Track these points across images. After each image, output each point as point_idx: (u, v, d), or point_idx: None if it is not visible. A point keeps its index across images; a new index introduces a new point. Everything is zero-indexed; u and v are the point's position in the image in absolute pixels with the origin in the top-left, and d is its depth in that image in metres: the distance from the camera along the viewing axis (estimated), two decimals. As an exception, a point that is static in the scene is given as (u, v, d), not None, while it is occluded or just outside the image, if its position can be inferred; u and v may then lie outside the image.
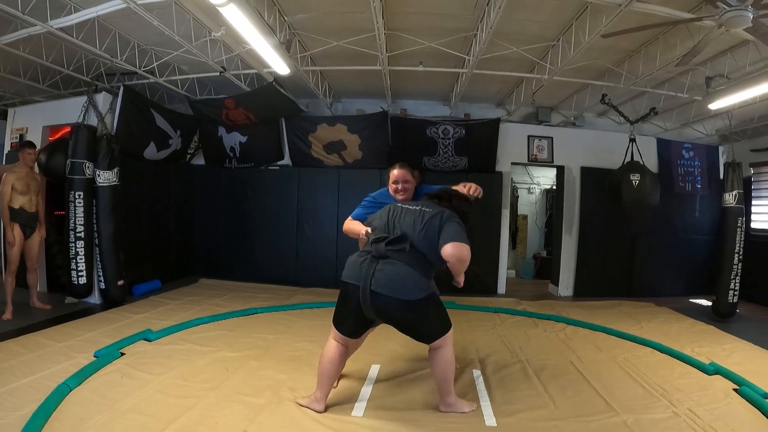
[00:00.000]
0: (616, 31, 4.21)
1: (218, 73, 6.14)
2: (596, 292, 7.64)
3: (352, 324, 3.06)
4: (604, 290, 7.66)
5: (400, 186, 3.56)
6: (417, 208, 3.06)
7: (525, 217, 10.72)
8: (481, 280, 7.54)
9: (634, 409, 3.32)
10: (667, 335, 5.34)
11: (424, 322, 3.01)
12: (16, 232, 5.40)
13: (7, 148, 7.23)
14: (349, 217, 3.65)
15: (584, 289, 7.83)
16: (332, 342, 3.14)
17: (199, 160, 8.51)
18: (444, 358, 3.05)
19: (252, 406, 3.16)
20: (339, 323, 3.10)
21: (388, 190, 3.75)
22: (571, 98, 7.51)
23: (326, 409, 3.16)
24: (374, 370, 3.88)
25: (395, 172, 3.64)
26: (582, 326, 5.65)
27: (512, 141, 7.90)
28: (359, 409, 3.22)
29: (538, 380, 3.85)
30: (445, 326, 3.06)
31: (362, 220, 3.44)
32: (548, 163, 8.11)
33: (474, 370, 4.02)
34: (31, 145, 5.69)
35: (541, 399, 3.48)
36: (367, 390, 3.52)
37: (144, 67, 6.20)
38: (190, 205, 8.38)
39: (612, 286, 7.79)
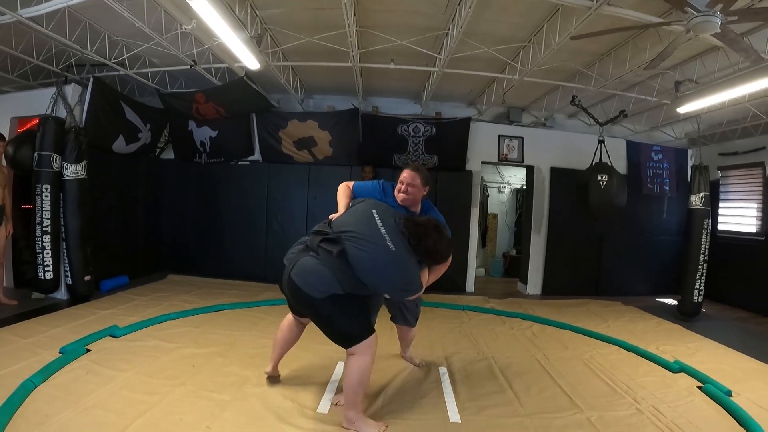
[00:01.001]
0: (586, 34, 4.27)
1: (189, 67, 6.09)
2: (564, 290, 7.76)
3: (288, 300, 3.16)
4: (573, 289, 7.79)
5: (403, 187, 3.31)
6: (383, 232, 2.88)
7: (495, 215, 10.82)
8: (449, 277, 7.62)
9: (598, 406, 3.38)
10: (632, 333, 5.44)
11: (327, 323, 2.93)
12: (-17, 226, 5.30)
13: (-26, 140, 7.05)
14: (350, 184, 3.49)
15: (553, 288, 7.95)
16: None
17: (169, 155, 8.40)
18: (353, 367, 2.89)
19: (217, 403, 3.16)
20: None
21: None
22: (542, 99, 7.61)
23: (276, 378, 3.58)
24: (340, 367, 3.87)
25: (404, 173, 3.36)
26: (549, 324, 5.74)
27: (483, 140, 7.96)
28: (324, 406, 3.23)
29: (503, 377, 3.90)
30: (355, 335, 2.89)
31: (356, 197, 3.39)
32: (518, 162, 8.20)
33: (440, 367, 4.07)
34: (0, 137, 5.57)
35: (505, 396, 3.53)
36: (332, 386, 3.53)
37: (114, 59, 6.11)
38: (159, 200, 8.26)
39: (580, 285, 7.92)
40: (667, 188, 8.29)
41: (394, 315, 3.87)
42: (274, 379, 3.58)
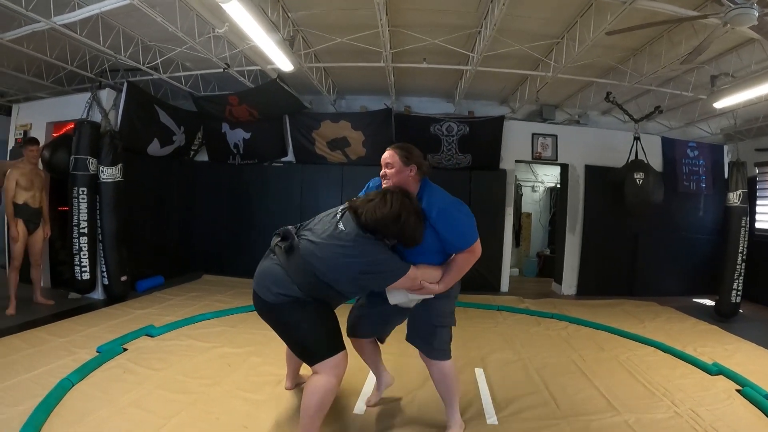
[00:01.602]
0: (621, 29, 4.18)
1: (222, 70, 6.14)
2: (599, 290, 7.61)
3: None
4: (607, 289, 7.63)
5: (382, 171, 2.82)
6: (338, 218, 2.61)
7: (529, 215, 10.64)
8: (483, 277, 7.57)
9: (636, 408, 3.31)
10: (669, 335, 5.30)
11: (284, 331, 2.67)
12: (20, 227, 5.41)
13: (11, 144, 7.23)
14: None
15: (587, 288, 7.79)
16: None
17: (203, 157, 8.52)
18: (312, 388, 2.51)
19: (252, 402, 3.18)
20: None
21: None
22: (576, 96, 7.50)
23: (294, 386, 3.41)
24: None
25: (384, 154, 2.88)
26: (584, 325, 5.63)
27: (516, 139, 7.85)
28: (360, 407, 3.23)
29: (539, 378, 3.85)
30: (314, 351, 2.57)
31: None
32: (552, 161, 8.07)
33: (476, 369, 4.02)
34: (35, 141, 5.68)
35: (542, 397, 3.48)
36: (368, 388, 3.51)
37: (148, 64, 6.20)
38: (193, 201, 8.38)
39: (615, 285, 7.75)
40: (704, 185, 8.08)
41: (407, 332, 3.02)
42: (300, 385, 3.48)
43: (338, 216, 2.61)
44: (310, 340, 2.59)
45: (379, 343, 3.26)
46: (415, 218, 2.53)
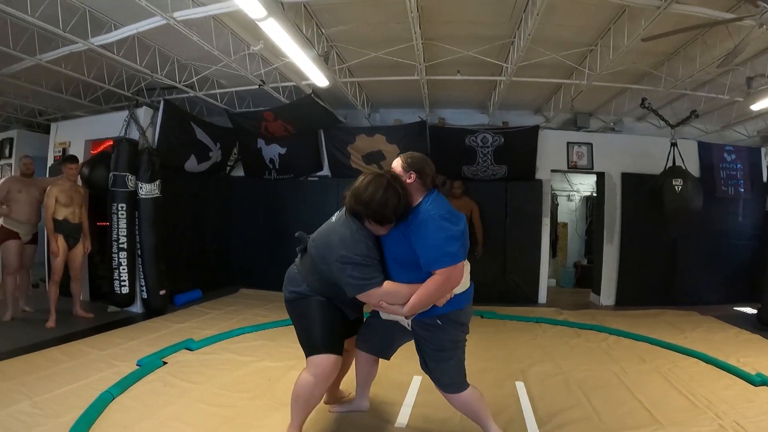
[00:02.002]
0: (656, 35, 4.13)
1: (257, 87, 6.24)
2: (638, 300, 7.45)
3: None
4: (646, 299, 7.46)
5: None
6: (336, 215, 2.76)
7: (565, 224, 10.51)
8: (521, 288, 7.53)
9: (679, 421, 3.23)
10: (711, 345, 5.16)
11: (294, 324, 2.84)
12: (60, 243, 5.54)
13: (50, 162, 7.44)
14: None
15: (626, 298, 7.63)
16: None
17: (239, 172, 8.64)
18: (297, 380, 2.70)
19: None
20: None
21: None
22: (610, 103, 7.39)
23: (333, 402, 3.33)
24: (417, 381, 3.82)
25: None
26: (625, 336, 5.51)
27: (551, 148, 7.75)
28: (403, 417, 3.22)
29: (581, 392, 3.77)
30: (306, 344, 2.73)
31: None
32: (588, 169, 7.95)
33: (516, 382, 3.95)
34: (74, 159, 5.82)
35: (584, 411, 3.41)
36: (410, 400, 3.50)
37: (183, 82, 6.34)
38: (230, 216, 8.50)
39: (654, 294, 7.58)
40: (742, 190, 7.87)
41: (419, 359, 2.82)
42: (338, 401, 3.44)
43: (336, 214, 2.75)
44: (303, 335, 2.75)
45: (374, 370, 3.23)
46: (385, 193, 2.42)
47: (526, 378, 4.07)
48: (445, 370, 2.68)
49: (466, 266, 2.59)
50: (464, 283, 2.60)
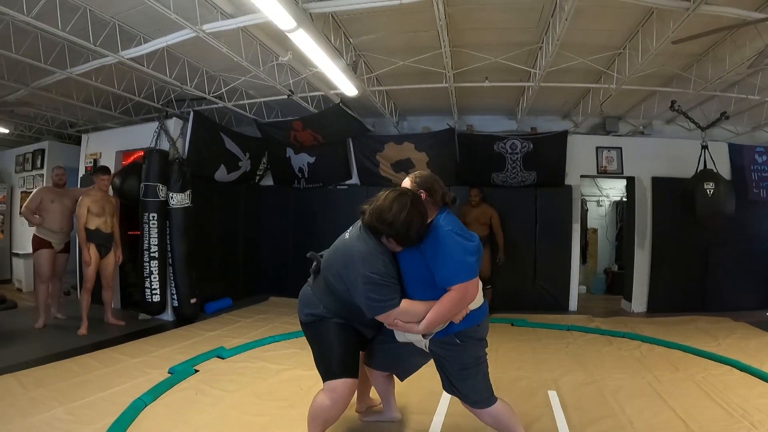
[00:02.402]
0: (687, 37, 4.06)
1: (286, 97, 6.30)
2: (670, 307, 7.30)
3: None
4: (679, 305, 7.31)
5: None
6: (349, 230, 2.71)
7: (595, 230, 10.36)
8: (551, 296, 7.46)
9: (714, 431, 3.17)
10: (745, 352, 5.04)
11: (312, 350, 2.81)
12: (92, 252, 5.66)
13: (81, 172, 7.59)
14: None
15: (658, 305, 7.48)
16: None
17: (268, 181, 8.73)
18: (313, 402, 2.73)
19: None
20: None
21: None
22: (639, 106, 7.27)
23: (365, 409, 3.35)
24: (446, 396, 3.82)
25: None
26: (657, 344, 5.41)
27: (580, 153, 7.66)
28: (436, 425, 3.23)
29: (614, 401, 3.71)
30: (322, 369, 2.71)
31: None
32: (618, 174, 7.84)
33: (549, 391, 3.91)
34: (106, 170, 5.95)
35: (618, 421, 3.36)
36: (442, 409, 3.48)
37: (213, 93, 6.42)
38: (259, 225, 8.58)
39: (687, 300, 7.43)
40: (774, 192, 7.71)
41: (441, 381, 2.80)
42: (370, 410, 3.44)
43: (350, 230, 2.69)
44: (320, 360, 2.74)
45: (391, 382, 3.21)
46: (410, 214, 2.37)
47: (559, 387, 4.02)
48: (472, 387, 2.65)
49: (479, 283, 2.58)
50: (478, 299, 2.58)
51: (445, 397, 3.62)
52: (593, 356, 4.97)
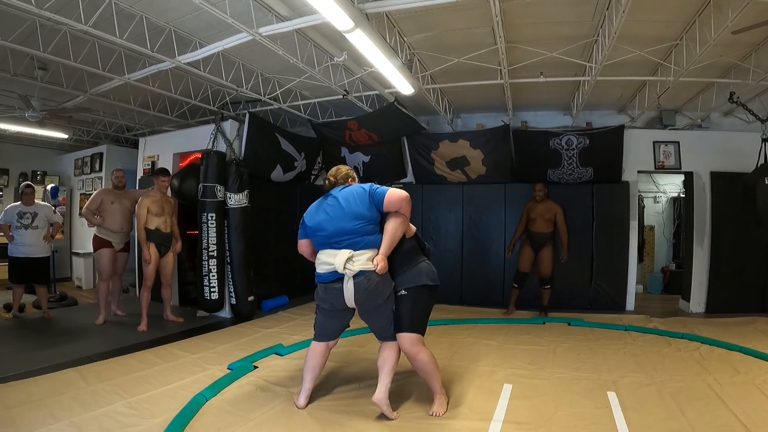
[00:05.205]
0: (748, 26, 3.94)
1: (341, 97, 6.37)
2: (730, 307, 7.03)
3: None
4: (739, 305, 7.03)
5: None
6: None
7: (652, 228, 10.08)
8: (608, 295, 7.33)
9: None
10: (808, 354, 4.83)
11: (416, 307, 3.38)
12: (152, 251, 5.84)
13: (139, 174, 7.86)
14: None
15: (717, 305, 7.21)
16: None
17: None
18: (421, 359, 3.31)
19: (389, 425, 3.16)
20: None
21: None
22: (696, 98, 7.02)
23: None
24: (507, 390, 3.80)
25: None
26: (717, 345, 5.23)
27: (637, 148, 7.47)
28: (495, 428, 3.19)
29: (675, 404, 3.60)
30: (423, 328, 3.40)
31: None
32: (676, 169, 7.60)
33: (608, 392, 3.82)
34: (166, 173, 6.15)
35: (679, 424, 3.25)
36: (500, 412, 3.44)
37: (268, 95, 6.53)
38: (315, 224, 8.64)
39: (747, 300, 7.13)
40: (838, 185, 7.32)
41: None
42: None
43: None
44: (418, 318, 3.41)
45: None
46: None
47: (618, 388, 3.93)
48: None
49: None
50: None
51: (504, 398, 3.61)
52: (652, 357, 4.84)
